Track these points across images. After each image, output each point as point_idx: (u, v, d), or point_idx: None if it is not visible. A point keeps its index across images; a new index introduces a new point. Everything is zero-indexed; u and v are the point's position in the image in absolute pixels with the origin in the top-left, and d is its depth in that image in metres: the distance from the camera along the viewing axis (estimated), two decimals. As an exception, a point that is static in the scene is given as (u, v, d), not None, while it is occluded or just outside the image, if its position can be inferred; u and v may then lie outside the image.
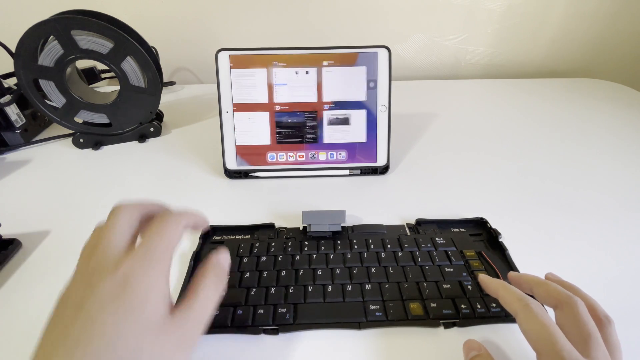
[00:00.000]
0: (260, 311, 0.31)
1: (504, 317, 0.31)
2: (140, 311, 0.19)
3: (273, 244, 0.37)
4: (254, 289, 0.33)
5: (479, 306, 0.31)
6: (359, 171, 0.49)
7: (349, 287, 0.33)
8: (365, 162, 0.49)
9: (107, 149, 0.57)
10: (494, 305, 0.31)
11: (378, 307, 0.31)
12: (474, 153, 0.54)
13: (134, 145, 0.58)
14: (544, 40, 0.80)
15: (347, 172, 0.49)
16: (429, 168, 0.51)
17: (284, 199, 0.45)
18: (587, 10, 0.77)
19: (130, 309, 0.19)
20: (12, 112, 0.55)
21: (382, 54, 0.46)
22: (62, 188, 0.48)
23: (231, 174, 0.49)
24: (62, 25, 0.47)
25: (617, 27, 0.79)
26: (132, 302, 0.19)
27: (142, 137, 0.58)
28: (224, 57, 0.45)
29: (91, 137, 0.56)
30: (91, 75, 0.67)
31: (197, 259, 0.36)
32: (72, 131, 0.55)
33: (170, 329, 0.20)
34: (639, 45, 0.81)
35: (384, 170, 0.49)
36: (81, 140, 0.56)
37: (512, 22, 0.78)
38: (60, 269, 0.36)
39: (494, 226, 0.39)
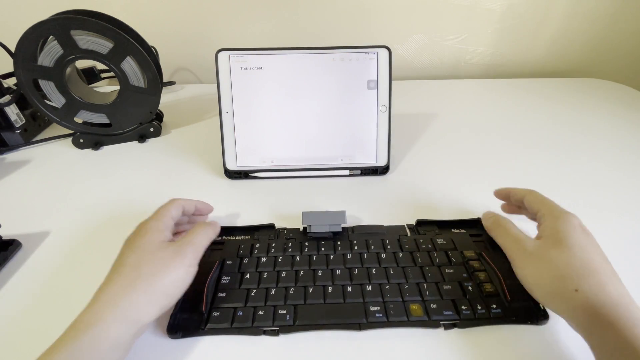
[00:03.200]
0: (261, 312, 0.31)
1: (504, 318, 0.31)
2: (144, 239, 0.30)
3: (273, 244, 0.37)
4: (254, 290, 0.33)
5: (479, 307, 0.31)
6: (359, 171, 0.49)
7: (349, 288, 0.33)
8: (366, 163, 0.49)
9: (107, 149, 0.57)
10: (494, 306, 0.31)
11: (378, 308, 0.31)
12: (473, 153, 0.54)
13: (134, 145, 0.58)
14: (544, 40, 0.80)
15: (347, 172, 0.49)
16: (429, 168, 0.51)
17: (284, 200, 0.45)
18: (587, 10, 0.76)
19: (140, 238, 0.30)
20: (12, 112, 0.55)
21: (382, 54, 0.46)
22: (62, 188, 0.48)
23: (231, 174, 0.49)
24: (62, 25, 0.47)
25: (617, 27, 0.79)
26: (139, 236, 0.30)
27: (142, 137, 0.58)
28: (224, 57, 0.45)
29: (91, 137, 0.56)
30: (91, 75, 0.67)
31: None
32: (72, 131, 0.55)
33: (167, 246, 0.30)
34: (639, 45, 0.81)
35: (384, 170, 0.49)
36: (81, 140, 0.56)
37: (512, 22, 0.78)
38: (60, 269, 0.37)
39: None
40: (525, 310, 0.31)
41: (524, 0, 0.75)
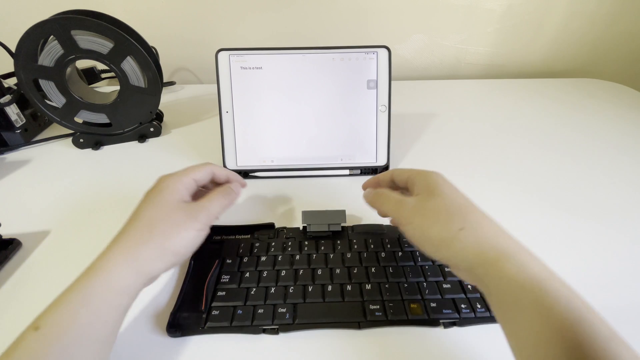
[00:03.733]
0: (260, 311, 0.31)
1: None
2: (161, 195, 0.31)
3: (273, 243, 0.37)
4: (254, 289, 0.33)
5: (479, 306, 0.31)
6: (359, 171, 0.49)
7: (348, 287, 0.33)
8: (365, 162, 0.49)
9: (107, 149, 0.57)
10: None
11: (378, 307, 0.31)
12: (474, 153, 0.54)
13: (134, 145, 0.58)
14: (544, 40, 0.80)
15: (346, 172, 0.49)
16: (429, 168, 0.51)
17: (283, 199, 0.45)
18: (587, 10, 0.76)
19: (158, 193, 0.31)
20: (12, 112, 0.55)
21: (382, 54, 0.46)
22: (62, 188, 0.48)
23: (231, 174, 0.49)
24: (62, 25, 0.47)
25: (617, 27, 0.79)
26: (158, 190, 0.31)
27: (142, 137, 0.58)
28: (224, 57, 0.45)
29: (91, 137, 0.56)
30: (91, 75, 0.67)
31: (197, 259, 0.36)
32: (72, 131, 0.55)
33: (182, 206, 0.30)
34: (639, 45, 0.81)
35: (384, 170, 0.49)
36: (81, 140, 0.56)
37: (512, 22, 0.78)
38: (60, 269, 0.37)
39: None
40: None
41: (524, 0, 0.75)
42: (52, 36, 0.48)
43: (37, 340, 0.22)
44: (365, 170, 0.49)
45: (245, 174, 0.49)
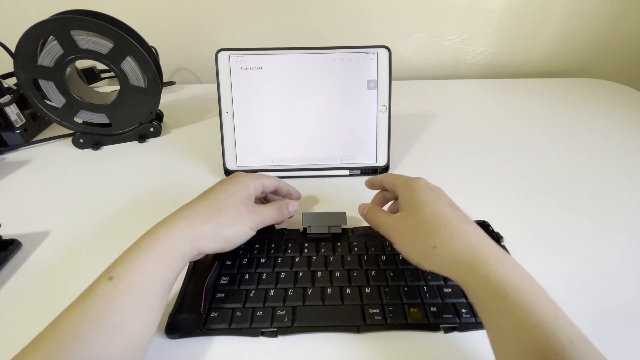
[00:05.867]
0: (259, 313, 0.31)
1: None
2: (235, 188, 0.34)
3: (273, 245, 0.37)
4: (253, 291, 0.33)
5: None
6: (359, 171, 0.49)
7: (348, 290, 0.33)
8: (366, 162, 0.49)
9: (107, 149, 0.57)
10: None
11: (377, 310, 0.31)
12: (474, 153, 0.54)
13: (133, 145, 0.58)
14: (544, 40, 0.80)
15: (347, 172, 0.49)
16: (429, 168, 0.51)
17: (284, 199, 0.45)
18: (587, 10, 0.76)
19: (233, 185, 0.34)
20: (12, 112, 0.55)
21: (382, 54, 0.46)
22: (62, 188, 0.48)
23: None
24: (62, 25, 0.47)
25: (617, 27, 0.79)
26: (233, 182, 0.35)
27: (142, 137, 0.58)
28: (224, 57, 0.45)
29: (91, 137, 0.56)
30: (91, 75, 0.67)
31: (196, 262, 0.36)
32: (72, 131, 0.55)
33: (247, 203, 0.34)
34: (639, 45, 0.81)
35: (384, 170, 0.49)
36: (81, 140, 0.56)
37: (512, 22, 0.78)
38: (60, 269, 0.37)
39: (496, 229, 0.39)
40: None
41: (524, 0, 0.75)
42: (51, 36, 0.48)
43: (111, 289, 0.25)
44: (366, 171, 0.49)
45: (245, 174, 0.49)
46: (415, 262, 0.30)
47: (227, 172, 0.48)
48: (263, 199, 0.41)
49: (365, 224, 0.40)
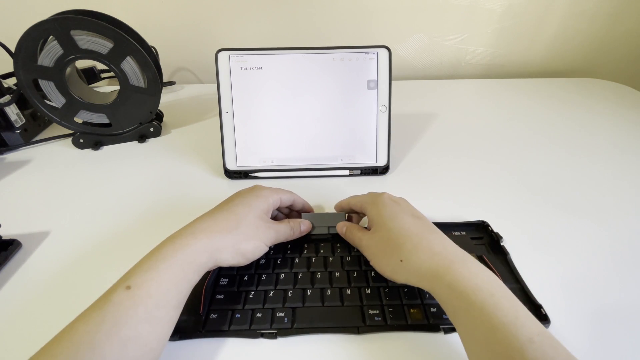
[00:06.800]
0: (259, 315, 0.31)
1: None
2: (256, 202, 0.34)
3: (272, 246, 0.37)
4: (252, 292, 0.33)
5: None
6: (359, 171, 0.49)
7: (347, 291, 0.33)
8: (366, 163, 0.49)
9: (106, 149, 0.57)
10: None
11: (377, 311, 0.31)
12: (473, 153, 0.54)
13: (133, 145, 0.58)
14: (544, 40, 0.80)
15: (347, 172, 0.49)
16: (429, 168, 0.51)
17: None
18: (587, 10, 0.76)
19: (253, 198, 0.34)
20: (12, 112, 0.55)
21: (382, 54, 0.46)
22: (62, 188, 0.48)
23: (231, 174, 0.49)
24: (62, 25, 0.47)
25: (617, 27, 0.79)
26: (253, 195, 0.35)
27: (142, 137, 0.58)
28: (223, 57, 0.45)
29: (91, 137, 0.56)
30: (91, 75, 0.67)
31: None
32: (71, 131, 0.55)
33: (265, 219, 0.34)
34: (639, 45, 0.81)
35: (384, 170, 0.49)
36: (81, 140, 0.56)
37: (512, 22, 0.78)
38: (60, 269, 0.37)
39: (495, 229, 0.39)
40: None
41: (524, 0, 0.75)
42: (51, 36, 0.48)
43: (127, 298, 0.25)
44: (366, 171, 0.49)
45: (245, 174, 0.49)
46: (387, 276, 0.31)
47: (227, 172, 0.48)
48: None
49: (365, 224, 0.40)
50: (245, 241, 0.31)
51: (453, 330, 0.30)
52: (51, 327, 0.25)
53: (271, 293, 0.33)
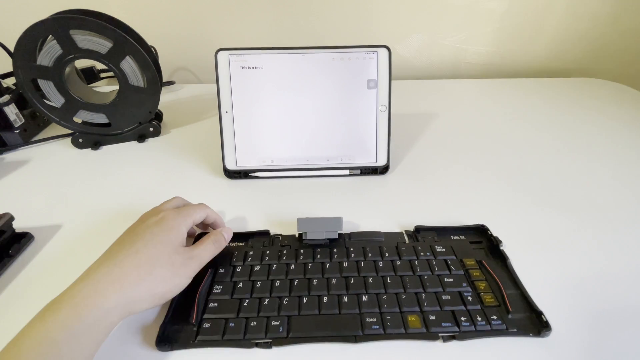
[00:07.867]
0: (253, 324, 0.30)
1: (505, 330, 0.30)
2: (167, 237, 0.31)
3: (267, 252, 0.36)
4: (247, 300, 0.32)
5: (479, 319, 0.30)
6: (358, 171, 0.49)
7: (345, 298, 0.32)
8: (365, 162, 0.49)
9: (106, 149, 0.57)
10: (494, 317, 0.30)
11: (375, 319, 0.30)
12: (473, 153, 0.54)
13: (133, 145, 0.58)
14: (544, 40, 0.80)
15: (346, 172, 0.49)
16: (429, 169, 0.51)
17: (283, 200, 0.45)
18: (587, 10, 0.76)
19: (164, 234, 0.31)
20: (11, 112, 0.55)
21: (382, 54, 0.46)
22: (61, 188, 0.48)
23: (231, 174, 0.48)
24: (61, 24, 0.46)
25: (617, 27, 0.79)
26: (164, 229, 0.31)
27: (141, 137, 0.58)
28: (223, 56, 0.45)
29: (90, 137, 0.56)
30: (90, 75, 0.67)
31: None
32: (71, 131, 0.55)
33: (182, 252, 0.31)
34: (639, 45, 0.81)
35: (383, 170, 0.49)
36: (80, 140, 0.56)
37: (512, 22, 0.77)
38: (62, 269, 0.36)
39: (494, 233, 0.38)
40: (527, 321, 0.30)
41: (524, 0, 0.75)
42: (50, 36, 0.48)
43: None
44: (365, 171, 0.49)
45: (245, 174, 0.49)
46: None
47: (227, 172, 0.48)
48: None
49: (363, 229, 0.40)
50: (163, 284, 0.29)
51: (452, 338, 0.29)
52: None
53: (266, 301, 0.32)
